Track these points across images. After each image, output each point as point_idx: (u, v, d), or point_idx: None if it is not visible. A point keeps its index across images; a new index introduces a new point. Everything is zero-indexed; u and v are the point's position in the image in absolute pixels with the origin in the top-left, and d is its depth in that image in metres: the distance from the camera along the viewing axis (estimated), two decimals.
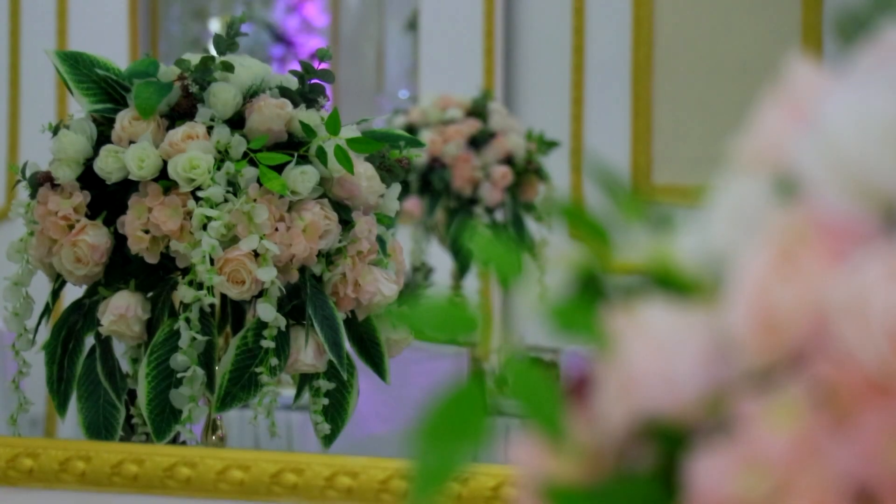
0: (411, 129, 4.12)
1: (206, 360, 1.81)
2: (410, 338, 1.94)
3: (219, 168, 1.80)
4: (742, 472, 0.55)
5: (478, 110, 4.21)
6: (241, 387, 1.81)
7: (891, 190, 0.57)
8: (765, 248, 0.58)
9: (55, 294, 1.93)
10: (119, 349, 1.92)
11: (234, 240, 1.80)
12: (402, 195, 1.96)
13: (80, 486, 1.78)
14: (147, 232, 1.81)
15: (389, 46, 7.40)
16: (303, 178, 1.81)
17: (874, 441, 0.54)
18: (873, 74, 0.59)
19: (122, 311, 1.83)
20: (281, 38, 7.85)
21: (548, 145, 4.19)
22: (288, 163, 1.82)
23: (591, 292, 0.63)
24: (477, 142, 4.12)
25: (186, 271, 1.80)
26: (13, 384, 1.91)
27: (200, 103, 1.86)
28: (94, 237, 1.84)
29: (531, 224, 4.10)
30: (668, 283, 0.62)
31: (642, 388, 0.58)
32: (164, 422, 1.81)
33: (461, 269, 4.13)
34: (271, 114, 1.84)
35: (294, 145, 1.85)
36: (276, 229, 1.79)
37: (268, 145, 1.84)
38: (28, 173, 1.90)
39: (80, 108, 1.91)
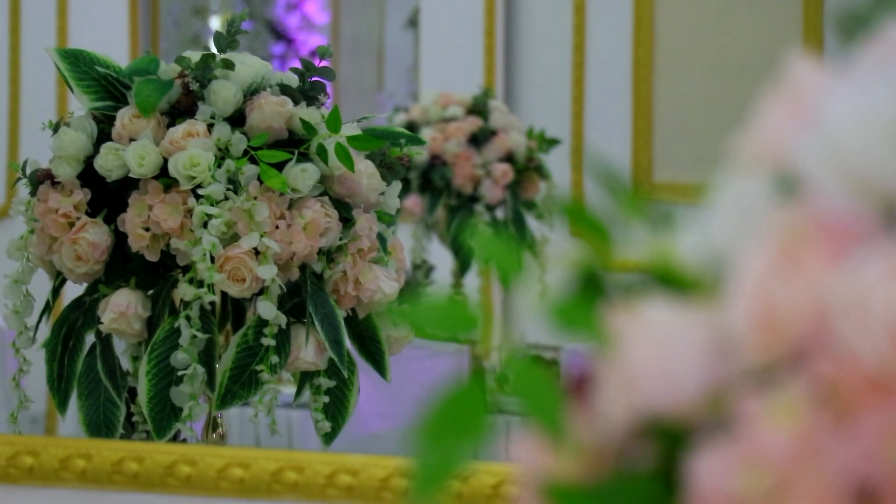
0: (412, 126, 4.12)
1: (207, 357, 1.81)
2: (411, 335, 1.94)
3: (219, 166, 1.80)
4: (742, 471, 0.55)
5: (478, 108, 4.21)
6: (241, 385, 1.81)
7: (891, 188, 0.57)
8: (765, 246, 0.58)
9: (55, 292, 1.93)
10: (119, 347, 1.92)
11: (235, 237, 1.80)
12: (403, 193, 1.97)
13: (80, 484, 1.78)
14: (147, 230, 1.81)
15: (390, 44, 7.41)
16: (303, 175, 1.81)
17: (874, 439, 0.54)
18: (874, 72, 0.59)
19: (123, 308, 1.83)
20: (281, 36, 7.86)
21: (548, 143, 4.19)
22: (288, 160, 1.82)
23: (591, 290, 0.63)
24: (477, 139, 4.12)
25: (187, 269, 1.80)
26: (14, 382, 1.91)
27: (201, 101, 1.86)
28: (95, 235, 1.84)
29: (532, 222, 4.10)
30: (669, 281, 0.62)
31: (643, 386, 0.58)
32: (165, 419, 1.81)
33: (462, 266, 4.13)
34: (272, 111, 1.84)
35: (294, 143, 1.85)
36: (277, 227, 1.79)
37: (268, 143, 1.84)
38: (28, 171, 1.90)
39: (80, 105, 1.91)
